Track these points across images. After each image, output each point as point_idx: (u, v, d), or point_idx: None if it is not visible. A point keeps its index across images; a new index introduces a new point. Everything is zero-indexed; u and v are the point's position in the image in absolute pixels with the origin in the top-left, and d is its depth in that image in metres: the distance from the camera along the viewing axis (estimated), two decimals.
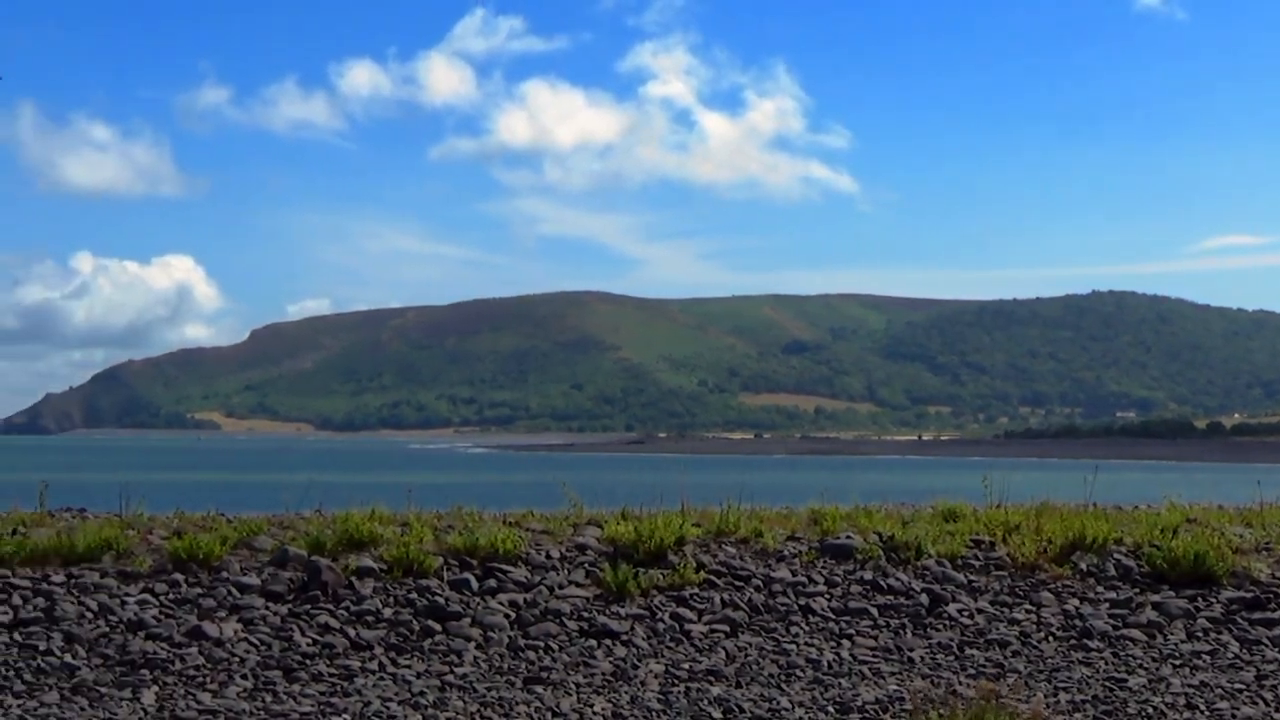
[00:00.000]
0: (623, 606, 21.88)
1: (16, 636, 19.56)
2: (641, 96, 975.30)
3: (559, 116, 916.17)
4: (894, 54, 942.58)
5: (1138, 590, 23.59)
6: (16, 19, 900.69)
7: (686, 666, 20.09)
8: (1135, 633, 22.16)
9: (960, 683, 19.56)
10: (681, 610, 21.96)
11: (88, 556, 21.64)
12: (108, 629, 19.98)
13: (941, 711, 16.57)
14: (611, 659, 20.28)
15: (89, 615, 20.24)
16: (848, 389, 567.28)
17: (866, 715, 18.06)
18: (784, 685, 19.46)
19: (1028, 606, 22.95)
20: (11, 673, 18.62)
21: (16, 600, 20.39)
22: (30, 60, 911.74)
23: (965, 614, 22.62)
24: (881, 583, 23.29)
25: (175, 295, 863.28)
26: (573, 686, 19.08)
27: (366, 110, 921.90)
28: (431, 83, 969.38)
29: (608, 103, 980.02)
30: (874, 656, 20.91)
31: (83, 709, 17.58)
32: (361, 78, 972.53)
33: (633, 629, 21.30)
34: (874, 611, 22.51)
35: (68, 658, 19.13)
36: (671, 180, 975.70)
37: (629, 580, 22.24)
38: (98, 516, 24.91)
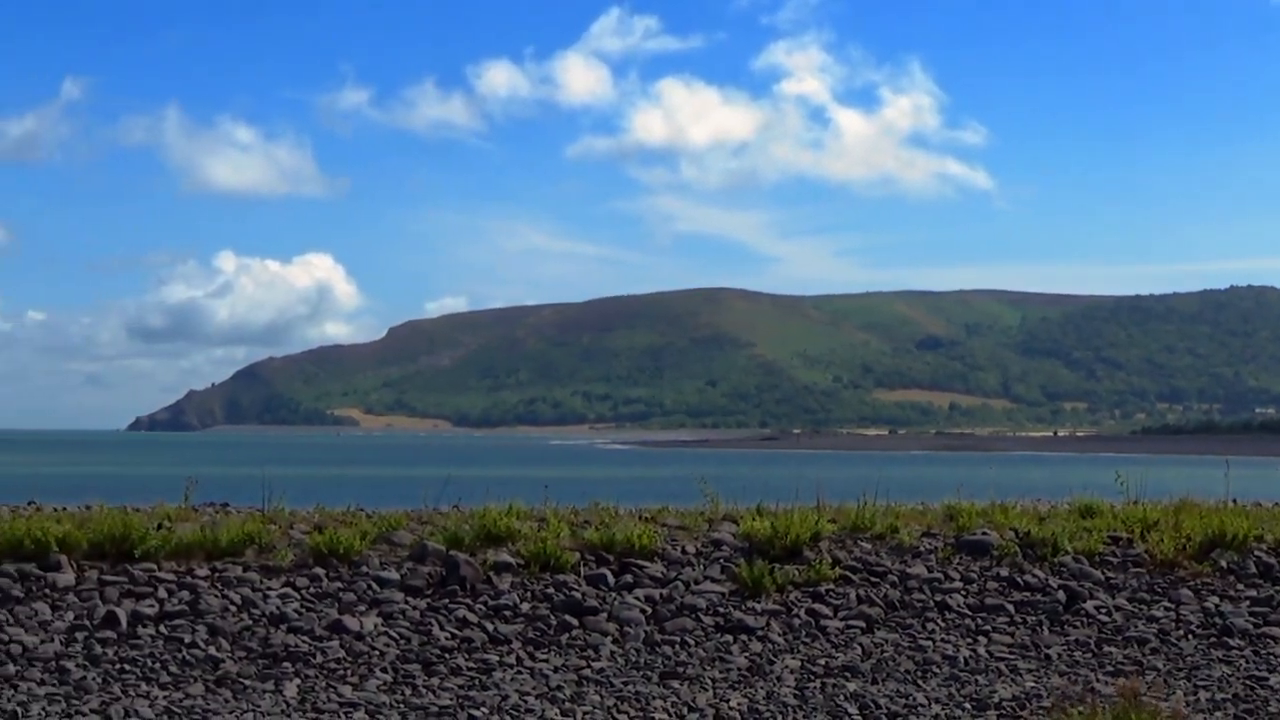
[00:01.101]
0: (758, 602, 21.91)
1: (162, 629, 19.89)
2: (776, 94, 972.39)
3: (694, 115, 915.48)
4: (1030, 50, 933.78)
5: (1279, 588, 23.34)
6: (162, 23, 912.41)
7: (822, 662, 20.10)
8: (1277, 631, 21.92)
9: (1098, 680, 19.44)
10: (817, 606, 21.97)
11: (231, 551, 21.94)
12: (250, 622, 20.27)
13: (1081, 710, 16.46)
14: (747, 654, 20.33)
15: (232, 609, 20.54)
16: (982, 385, 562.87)
17: (1003, 713, 17.99)
18: (920, 682, 19.43)
19: (1166, 604, 22.75)
20: (157, 665, 18.94)
21: (162, 594, 20.71)
22: (175, 63, 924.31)
23: (1103, 611, 22.47)
24: (1018, 579, 23.18)
25: (315, 293, 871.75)
26: (709, 682, 19.14)
27: (504, 110, 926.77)
28: (568, 82, 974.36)
29: (742, 101, 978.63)
30: (1010, 653, 20.82)
31: (226, 701, 17.85)
32: (499, 78, 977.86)
33: (768, 624, 21.33)
34: (1010, 608, 22.41)
35: (212, 650, 19.43)
36: (806, 177, 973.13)
37: (765, 576, 22.27)
38: (240, 511, 25.26)
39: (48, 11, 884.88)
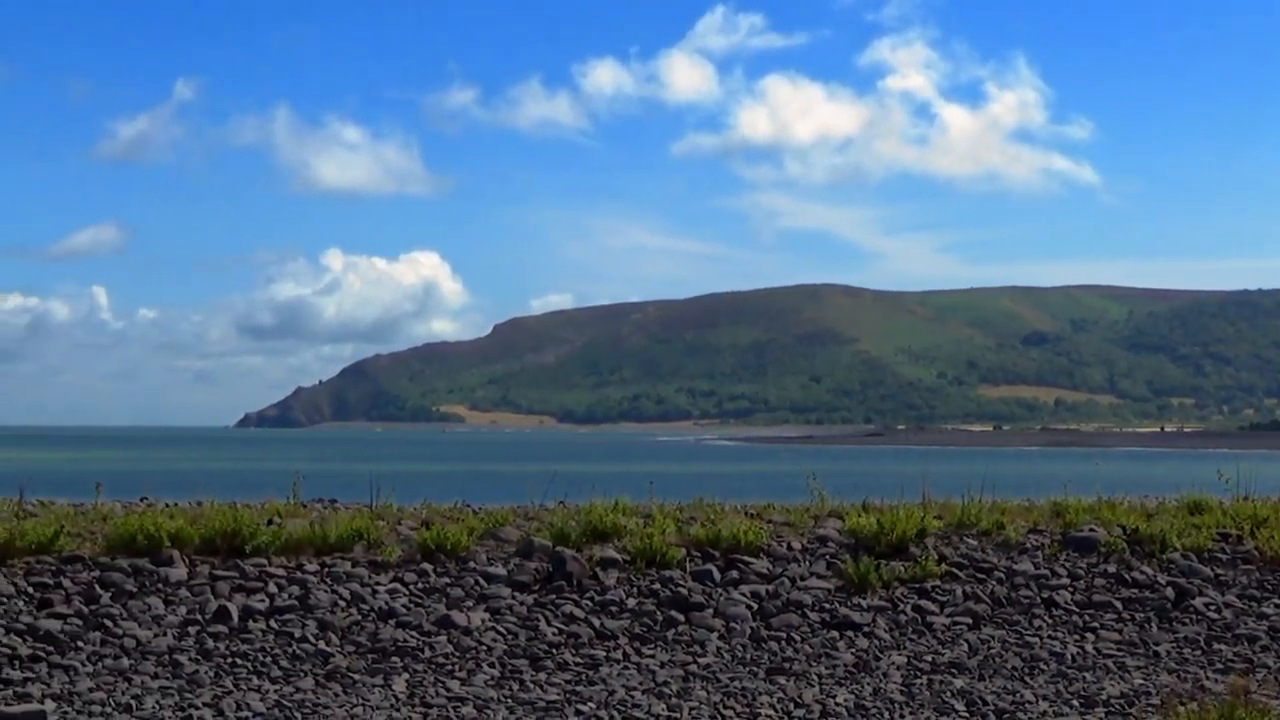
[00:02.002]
0: (864, 598, 21.90)
1: (273, 624, 20.10)
2: (881, 90, 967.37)
3: (799, 111, 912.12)
4: (1136, 44, 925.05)
5: None
6: (272, 24, 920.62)
7: (929, 659, 20.07)
8: None
9: (1208, 678, 19.30)
10: (923, 602, 21.93)
11: (340, 546, 22.14)
12: (359, 617, 20.44)
13: (1190, 707, 16.35)
14: (854, 650, 20.33)
15: (341, 603, 20.72)
16: (1088, 380, 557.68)
17: (1112, 710, 17.90)
18: (1027, 678, 19.36)
19: (1277, 601, 22.55)
20: (268, 659, 19.14)
21: (273, 588, 20.93)
22: (285, 64, 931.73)
23: (1212, 608, 22.30)
24: (1126, 576, 23.05)
25: (421, 291, 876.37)
26: (815, 678, 19.15)
27: (609, 108, 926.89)
28: (673, 80, 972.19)
29: (847, 97, 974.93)
30: (1119, 650, 20.70)
31: (336, 695, 18.02)
32: (604, 76, 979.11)
33: (874, 621, 21.32)
34: (1118, 605, 22.28)
35: (322, 645, 19.62)
36: (911, 173, 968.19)
37: (871, 572, 22.25)
38: (349, 507, 25.50)
39: (161, 15, 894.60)
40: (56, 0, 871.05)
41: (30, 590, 20.44)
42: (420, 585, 21.45)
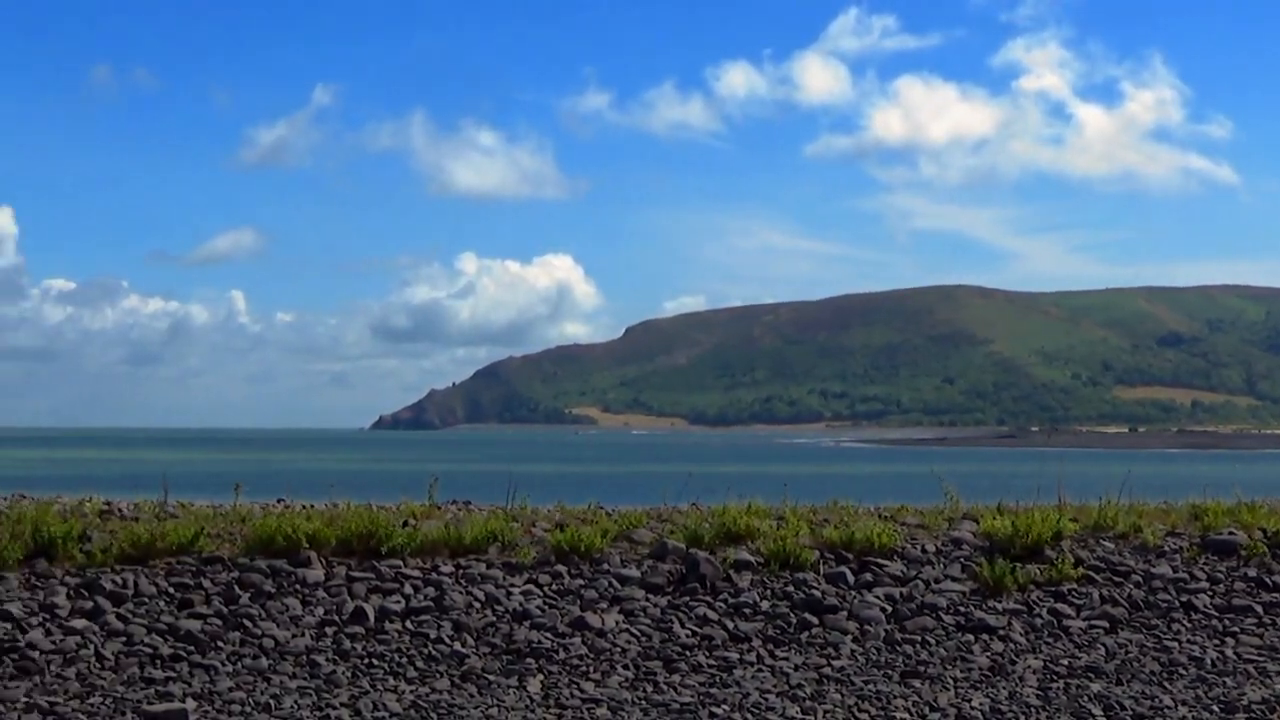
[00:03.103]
0: (999, 601, 21.75)
1: (409, 625, 20.24)
2: (1015, 91, 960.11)
3: (933, 112, 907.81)
4: (1276, 43, 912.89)
5: None
6: (409, 30, 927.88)
7: (1065, 663, 19.90)
8: None
9: None
10: (1059, 606, 21.75)
11: (474, 548, 22.27)
12: (494, 618, 20.55)
13: None
14: (989, 654, 20.20)
15: (476, 605, 20.84)
16: (1226, 382, 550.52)
17: (1253, 715, 17.67)
18: (1166, 683, 19.15)
19: None
20: (404, 659, 19.29)
21: (408, 590, 21.08)
22: (421, 70, 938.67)
23: None
24: (1267, 580, 22.75)
25: (555, 294, 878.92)
26: (950, 681, 19.04)
27: (742, 110, 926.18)
28: (806, 82, 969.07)
29: (981, 98, 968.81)
30: (1260, 655, 20.43)
31: (471, 696, 18.13)
32: (737, 79, 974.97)
33: (1010, 624, 21.17)
34: (1259, 609, 22.00)
35: (457, 646, 19.74)
36: (1046, 173, 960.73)
37: (1006, 575, 22.10)
38: (483, 509, 25.63)
39: (300, 22, 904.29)
40: (199, 9, 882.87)
41: (171, 590, 20.72)
42: (554, 587, 21.53)
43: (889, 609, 21.44)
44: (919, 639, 20.66)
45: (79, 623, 19.73)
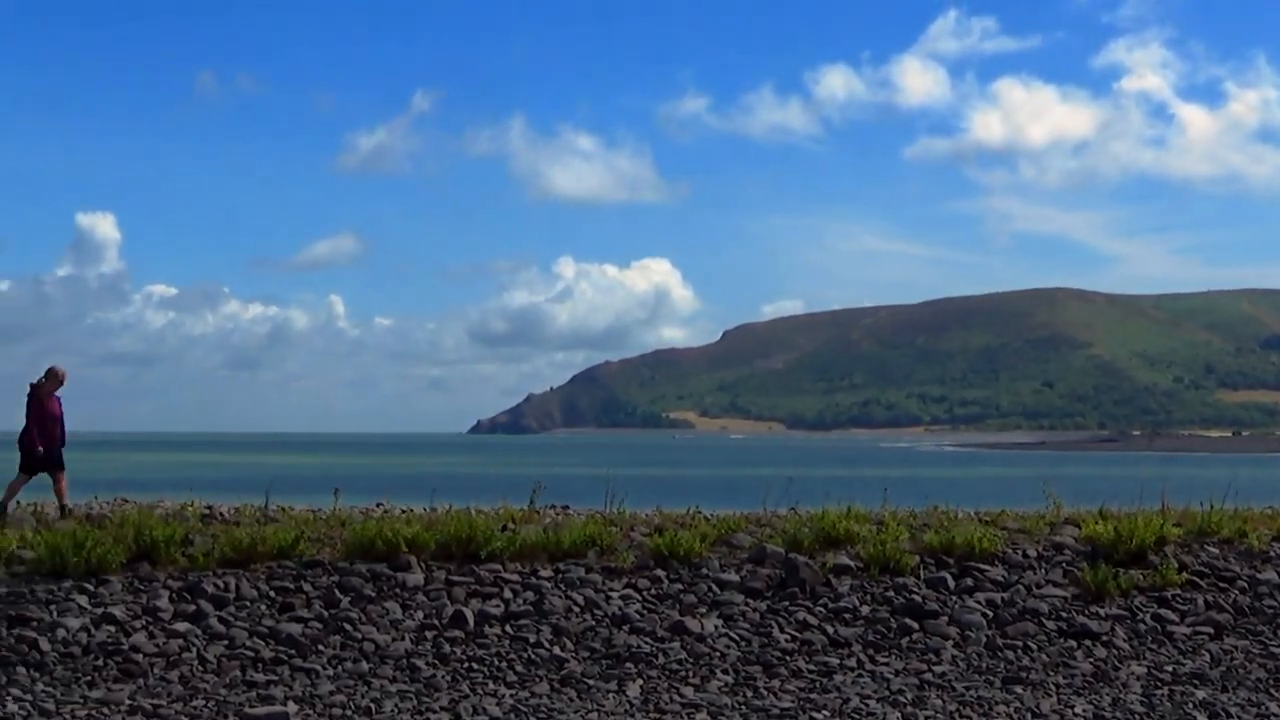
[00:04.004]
0: (1102, 607, 21.55)
1: (508, 629, 20.27)
2: (1116, 92, 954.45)
3: (1033, 114, 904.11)
4: None
5: None
6: (508, 36, 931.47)
7: (1169, 669, 19.70)
8: None
9: None
10: (1163, 611, 21.52)
11: (573, 552, 22.27)
12: (593, 623, 20.54)
13: None
14: (1092, 660, 20.02)
15: (576, 609, 20.84)
16: None
17: None
18: (1273, 690, 18.94)
19: None
20: (504, 664, 19.32)
21: (508, 594, 21.10)
22: (520, 75, 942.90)
23: None
24: None
25: (653, 298, 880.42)
26: (1052, 687, 18.90)
27: (841, 114, 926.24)
28: (905, 85, 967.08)
29: (1082, 99, 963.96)
30: None
31: (571, 700, 18.14)
32: (836, 82, 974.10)
33: (1113, 630, 20.97)
34: None
35: (556, 650, 19.75)
36: (1147, 175, 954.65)
37: (1108, 580, 21.89)
38: (581, 513, 25.64)
39: (400, 28, 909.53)
40: (301, 16, 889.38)
41: (272, 594, 20.85)
42: (653, 591, 21.51)
43: (990, 614, 21.28)
44: (1020, 644, 20.50)
45: (181, 626, 19.88)
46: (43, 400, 24.98)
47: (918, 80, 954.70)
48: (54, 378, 25.22)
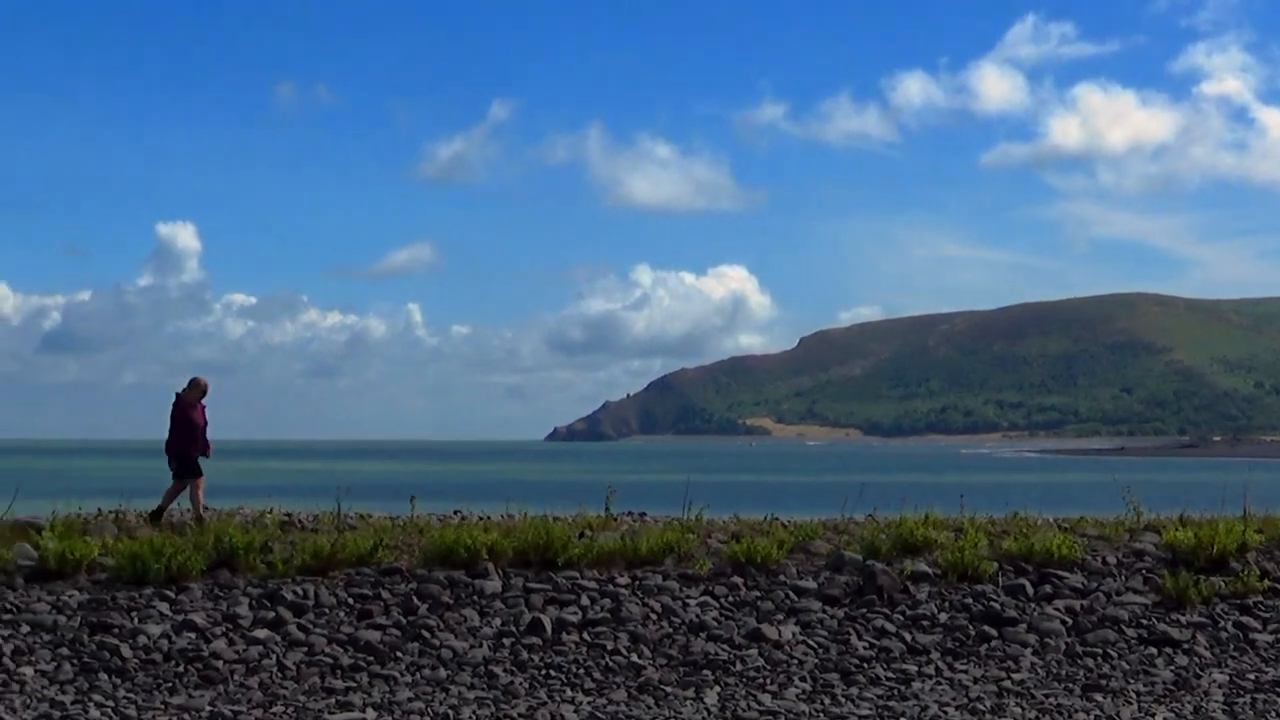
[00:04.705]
0: (1183, 614, 21.39)
1: (586, 636, 20.29)
2: (1196, 96, 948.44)
3: (1111, 119, 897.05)
4: None
5: None
6: (585, 43, 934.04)
7: (1252, 677, 19.53)
8: None
9: None
10: (1245, 619, 21.34)
11: (651, 559, 22.28)
12: (671, 630, 20.54)
13: None
14: (1173, 668, 19.87)
15: (653, 616, 20.84)
16: None
17: None
18: None
19: None
20: (582, 670, 19.34)
21: (585, 601, 21.13)
22: (597, 83, 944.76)
23: None
24: None
25: (730, 305, 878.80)
26: (1133, 695, 18.77)
27: (918, 120, 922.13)
28: (983, 90, 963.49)
29: (1161, 104, 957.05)
30: None
31: (649, 707, 18.13)
32: (914, 88, 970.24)
33: (1194, 637, 20.80)
34: None
35: (634, 657, 19.76)
36: (1227, 179, 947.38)
37: (1189, 587, 21.73)
38: (658, 520, 25.65)
39: (477, 38, 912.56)
40: (379, 28, 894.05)
41: (351, 601, 20.94)
42: (731, 598, 21.48)
43: (1069, 621, 21.16)
44: (1100, 652, 20.37)
45: (261, 633, 20.01)
46: (187, 409, 25.27)
47: (995, 86, 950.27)
48: (196, 388, 25.61)
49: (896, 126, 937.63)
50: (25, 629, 19.93)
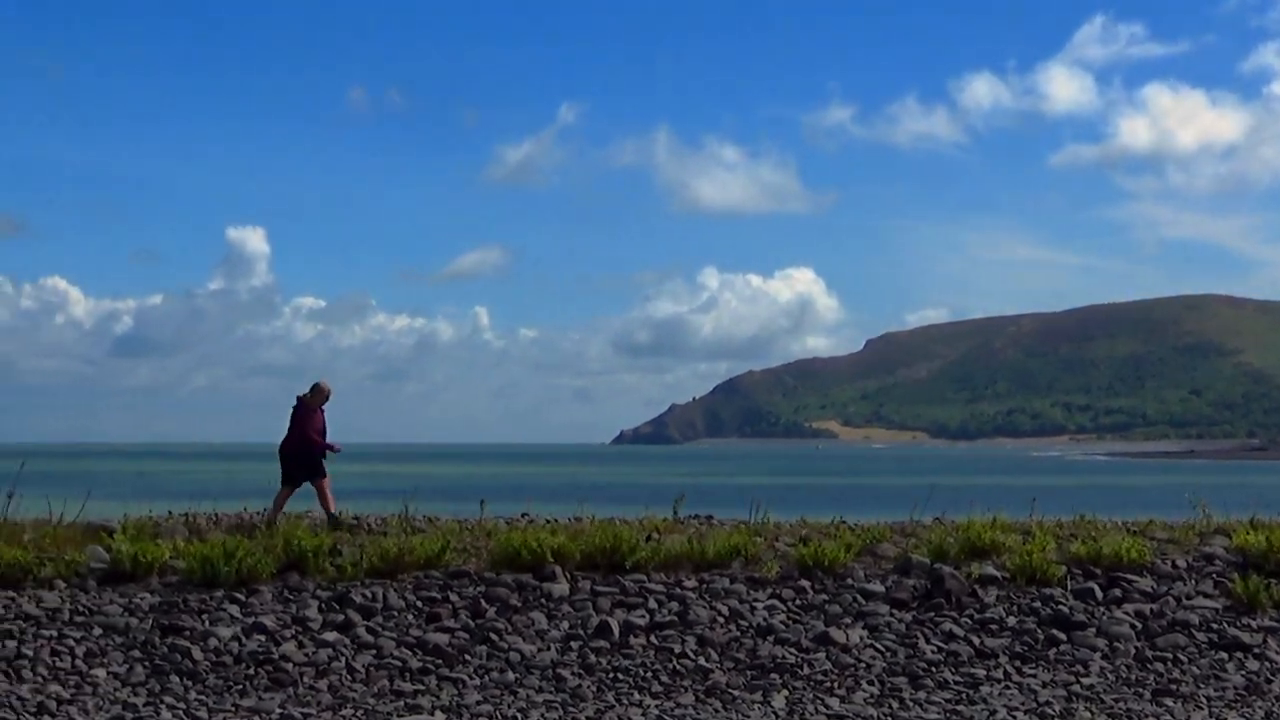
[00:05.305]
0: (1254, 618, 21.25)
1: (653, 639, 20.30)
2: (1266, 96, 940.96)
3: (1181, 120, 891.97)
4: None
5: None
6: (652, 47, 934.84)
7: None
8: None
9: None
10: None
11: (718, 562, 22.27)
12: (738, 633, 20.54)
13: None
14: (1243, 673, 19.76)
15: (720, 619, 20.84)
16: None
17: None
18: None
19: None
20: (649, 674, 19.36)
21: (652, 604, 21.14)
22: (665, 87, 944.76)
23: None
24: None
25: (797, 307, 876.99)
26: (1203, 700, 18.67)
27: (986, 122, 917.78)
28: (1051, 92, 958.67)
29: (1231, 104, 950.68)
30: None
31: (716, 711, 18.15)
32: (981, 90, 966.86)
33: (1265, 642, 20.66)
34: None
35: (701, 660, 19.76)
36: None
37: (1260, 592, 21.58)
38: (725, 523, 25.64)
39: (546, 42, 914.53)
40: (449, 33, 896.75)
41: (419, 604, 21.01)
42: (798, 602, 21.46)
43: (1139, 626, 21.05)
44: (1170, 657, 20.26)
45: (330, 635, 20.11)
46: (308, 413, 25.41)
47: (1064, 87, 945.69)
48: (319, 393, 25.69)
49: (964, 128, 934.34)
50: (98, 631, 20.09)
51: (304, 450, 25.20)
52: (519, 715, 17.83)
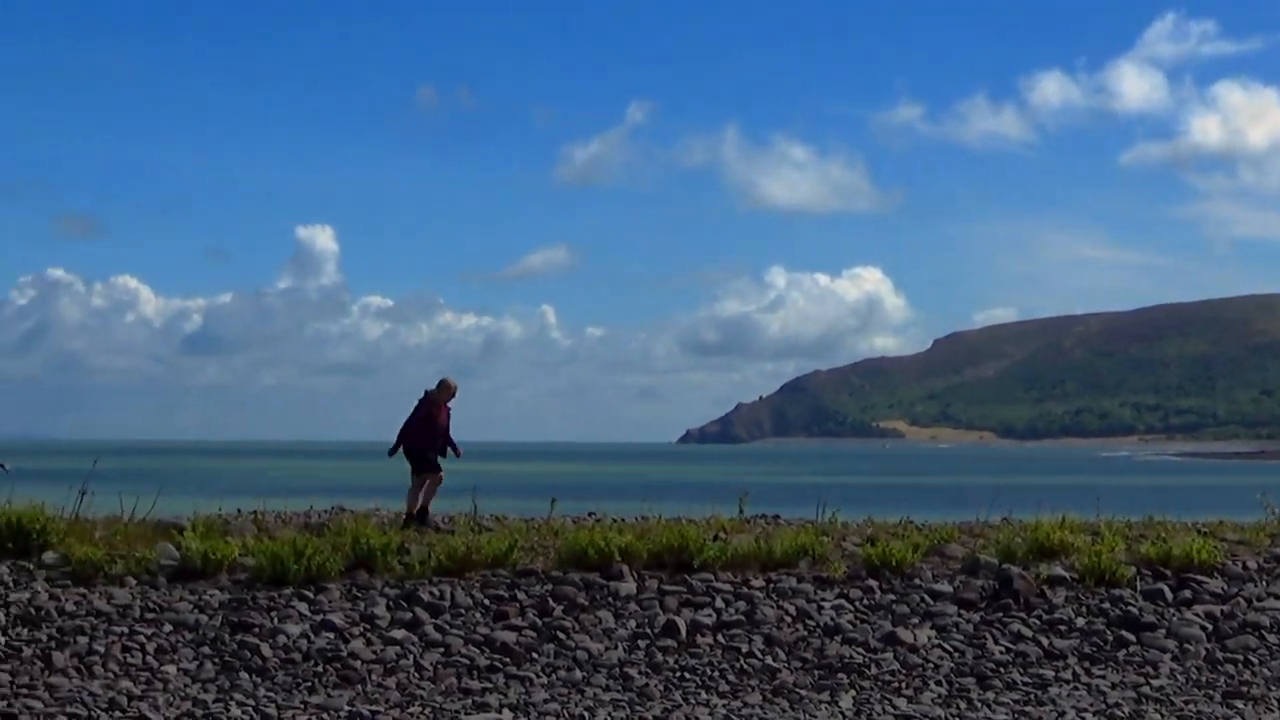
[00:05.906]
0: None
1: (720, 639, 20.31)
2: None
3: (1253, 117, 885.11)
4: None
5: None
6: (722, 46, 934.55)
7: None
8: None
9: None
10: None
11: (785, 562, 22.28)
12: (805, 633, 20.52)
13: None
14: None
15: (787, 619, 20.83)
16: None
17: None
18: None
19: None
20: (716, 673, 19.37)
21: (719, 603, 21.15)
22: (733, 86, 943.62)
23: None
24: None
25: (864, 306, 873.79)
26: (1274, 702, 18.56)
27: (1055, 120, 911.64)
28: (1121, 90, 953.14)
29: None
30: None
31: (783, 710, 18.13)
32: (1051, 88, 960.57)
33: None
34: None
35: (768, 660, 19.76)
36: None
37: None
38: (792, 523, 25.63)
39: (615, 41, 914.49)
40: (519, 33, 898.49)
41: (487, 603, 21.07)
42: (865, 602, 21.43)
43: (1209, 627, 20.93)
44: (1241, 658, 20.13)
45: (398, 633, 20.18)
46: (433, 408, 25.54)
47: (1134, 85, 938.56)
48: (445, 389, 25.85)
49: (1034, 127, 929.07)
50: (168, 628, 20.22)
51: (428, 444, 25.33)
52: (586, 714, 17.86)
